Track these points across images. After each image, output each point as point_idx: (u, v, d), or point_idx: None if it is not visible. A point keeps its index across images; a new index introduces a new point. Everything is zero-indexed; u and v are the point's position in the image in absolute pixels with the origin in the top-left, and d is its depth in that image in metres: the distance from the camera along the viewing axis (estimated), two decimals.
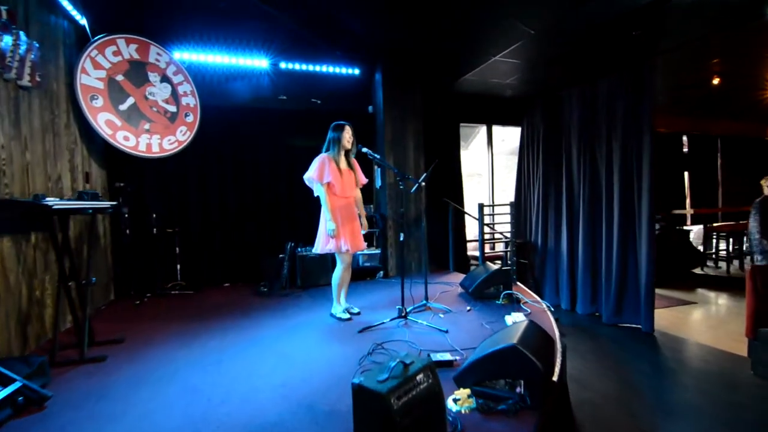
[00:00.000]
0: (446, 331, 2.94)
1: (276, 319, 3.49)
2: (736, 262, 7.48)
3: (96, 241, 4.10)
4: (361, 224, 3.58)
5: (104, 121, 3.95)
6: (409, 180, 3.43)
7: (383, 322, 3.14)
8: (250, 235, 5.14)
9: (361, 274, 5.07)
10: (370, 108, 5.51)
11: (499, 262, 5.95)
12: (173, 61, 4.59)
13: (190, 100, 4.73)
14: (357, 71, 5.45)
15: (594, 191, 5.12)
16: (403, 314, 3.20)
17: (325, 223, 3.31)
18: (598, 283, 5.09)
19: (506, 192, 8.24)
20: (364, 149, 3.36)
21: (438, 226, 5.76)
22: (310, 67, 5.26)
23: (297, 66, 5.20)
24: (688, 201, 8.40)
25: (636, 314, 4.58)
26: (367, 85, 5.53)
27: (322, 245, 3.36)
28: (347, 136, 3.39)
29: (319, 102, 5.37)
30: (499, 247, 6.40)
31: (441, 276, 5.14)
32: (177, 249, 4.81)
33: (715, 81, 5.76)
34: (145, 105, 4.31)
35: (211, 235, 4.99)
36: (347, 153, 3.46)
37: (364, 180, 3.61)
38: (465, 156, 6.98)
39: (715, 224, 7.70)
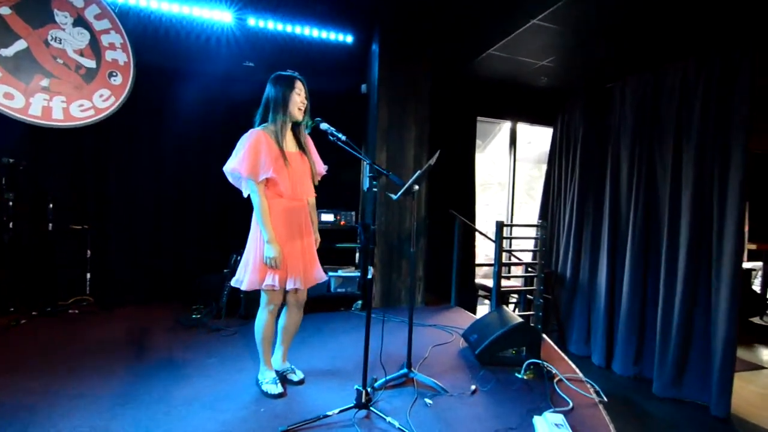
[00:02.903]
0: None
1: (174, 380, 2.26)
2: None
3: None
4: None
5: None
6: (391, 178, 2.15)
7: (327, 415, 1.88)
8: (190, 240, 3.92)
9: (332, 304, 3.82)
10: (364, 87, 4.28)
11: (515, 298, 4.65)
12: (97, 1, 3.41)
13: (120, 56, 3.54)
14: (349, 38, 4.22)
15: (650, 214, 3.83)
16: (363, 400, 1.94)
17: (259, 242, 2.06)
18: (648, 336, 3.79)
19: (526, 207, 6.94)
20: (324, 125, 2.12)
21: (439, 245, 4.50)
22: (288, 28, 4.05)
23: (270, 24, 3.99)
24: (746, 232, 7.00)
25: (704, 388, 3.28)
26: (362, 57, 4.30)
27: (251, 277, 2.06)
28: (298, 95, 2.12)
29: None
30: (516, 272, 5.10)
31: (438, 313, 3.87)
32: (88, 252, 3.62)
33: None
34: (45, 53, 3.13)
35: (137, 237, 3.78)
36: (296, 126, 2.19)
37: (322, 169, 2.33)
38: (480, 160, 5.70)
39: None
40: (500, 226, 3.46)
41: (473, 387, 2.27)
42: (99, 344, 2.73)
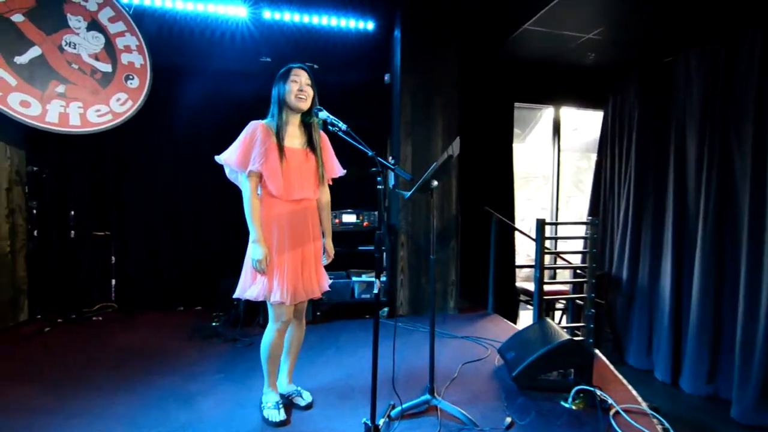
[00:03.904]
0: None
1: (176, 400, 2.09)
2: None
3: None
4: (324, 250, 2.08)
5: None
6: (397, 173, 1.82)
7: None
8: (212, 243, 3.80)
9: (355, 311, 3.56)
10: (387, 77, 3.98)
11: (562, 306, 4.16)
12: (111, 3, 3.34)
13: (136, 59, 3.47)
14: (370, 25, 3.93)
15: (725, 209, 3.26)
16: None
17: (251, 245, 1.84)
18: (725, 351, 3.25)
19: (575, 200, 6.34)
20: (323, 113, 1.86)
21: (474, 245, 4.11)
22: (305, 18, 3.82)
23: (287, 16, 3.78)
24: None
25: None
26: (385, 45, 4.00)
27: (243, 285, 1.89)
28: (294, 83, 1.88)
29: (316, 67, 3.90)
30: (563, 275, 4.59)
31: (473, 321, 3.50)
32: (112, 258, 3.59)
33: None
34: (59, 59, 3.10)
35: (158, 242, 3.71)
36: (306, 122, 1.95)
37: (335, 171, 2.08)
38: (519, 150, 5.22)
39: None
40: (542, 224, 3.03)
41: (508, 419, 1.91)
42: (114, 355, 2.65)
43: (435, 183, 1.99)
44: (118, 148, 3.58)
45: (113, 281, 3.61)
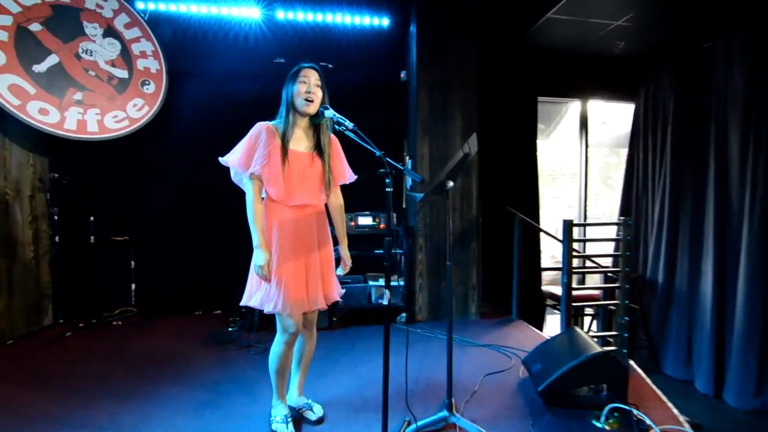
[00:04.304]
0: None
1: (183, 411, 2.04)
2: None
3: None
4: (337, 259, 1.98)
5: (7, 87, 2.81)
6: (406, 174, 1.69)
7: None
8: (229, 247, 3.78)
9: (373, 316, 3.46)
10: (403, 74, 3.85)
11: (590, 314, 3.91)
12: (126, 9, 3.36)
13: (152, 64, 3.48)
14: (385, 21, 3.81)
15: None
16: None
17: (254, 250, 1.77)
18: None
19: (604, 198, 6.03)
20: (329, 112, 1.75)
21: (497, 247, 3.94)
22: (319, 17, 3.74)
23: (300, 15, 3.71)
24: None
25: None
26: (401, 41, 3.88)
27: (249, 292, 1.82)
28: (303, 84, 1.78)
29: (330, 66, 3.82)
30: (593, 281, 4.35)
31: (496, 328, 3.33)
32: (132, 263, 3.62)
33: None
34: (77, 67, 3.13)
35: (176, 247, 3.71)
36: (315, 124, 1.86)
37: (346, 176, 1.98)
38: (544, 147, 5.00)
39: None
40: (569, 225, 2.83)
41: None
42: (129, 362, 2.63)
43: (451, 184, 1.86)
44: (135, 154, 3.59)
45: (133, 286, 3.63)
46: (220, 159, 1.82)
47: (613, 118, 4.91)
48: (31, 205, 3.25)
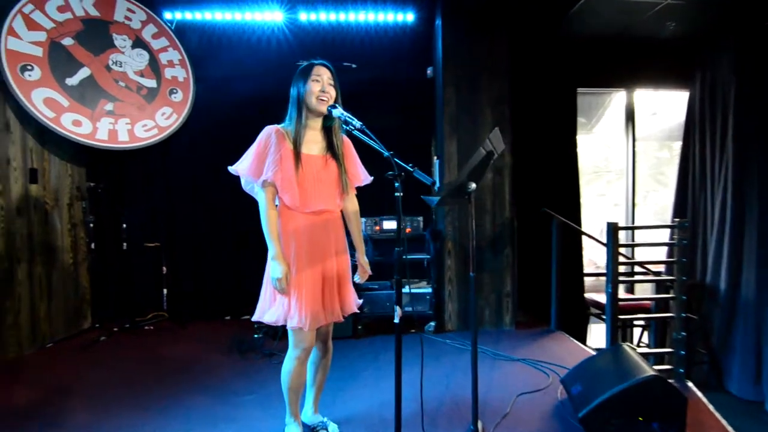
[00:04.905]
0: None
1: (199, 423, 1.99)
2: None
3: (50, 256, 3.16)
4: (353, 266, 1.86)
5: (42, 100, 2.91)
6: (416, 176, 1.51)
7: None
8: (256, 253, 3.75)
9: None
10: (430, 70, 3.69)
11: (640, 325, 3.55)
12: (154, 20, 3.43)
13: (179, 73, 3.53)
14: (410, 16, 3.67)
15: None
16: None
17: (270, 262, 1.67)
18: None
19: (656, 195, 5.55)
20: (337, 111, 1.63)
21: (534, 252, 3.68)
22: (342, 16, 3.65)
23: (323, 16, 3.64)
24: None
25: None
26: (427, 36, 3.72)
27: (262, 306, 1.73)
28: (316, 82, 1.67)
29: (353, 66, 3.72)
30: (644, 288, 3.97)
31: (533, 340, 3.08)
32: (164, 269, 3.69)
33: None
34: (107, 78, 3.21)
35: (205, 253, 3.74)
36: (328, 126, 1.75)
37: (360, 179, 1.86)
38: (586, 142, 4.65)
39: None
40: (614, 229, 2.55)
41: None
42: (154, 369, 2.65)
43: (473, 186, 1.68)
44: (164, 161, 3.66)
45: (164, 291, 3.70)
46: (229, 168, 1.74)
47: (664, 109, 4.48)
48: (70, 213, 3.38)
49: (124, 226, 3.39)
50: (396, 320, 1.46)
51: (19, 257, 2.91)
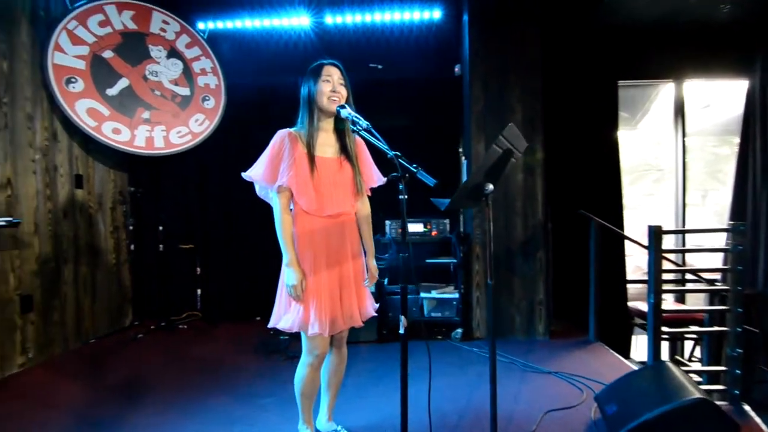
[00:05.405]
0: None
1: (217, 425, 2.01)
2: None
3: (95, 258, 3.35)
4: (366, 270, 1.81)
5: (85, 110, 3.10)
6: (419, 177, 1.41)
7: None
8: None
9: (426, 330, 3.21)
10: (458, 68, 3.58)
11: (692, 338, 3.23)
12: (187, 31, 3.56)
13: (211, 80, 3.65)
14: (437, 13, 3.58)
15: None
16: None
17: (284, 269, 1.65)
18: None
19: (715, 194, 5.08)
20: (344, 112, 1.59)
21: (571, 256, 3.46)
22: (367, 17, 3.63)
23: (348, 17, 3.63)
24: None
25: None
26: (455, 33, 3.61)
27: (278, 312, 1.71)
28: (326, 82, 1.64)
29: (380, 67, 3.70)
30: (696, 298, 3.62)
31: (567, 351, 2.89)
32: (198, 270, 3.81)
33: None
34: (144, 88, 3.36)
35: (237, 255, 3.83)
36: (340, 127, 1.72)
37: (374, 180, 1.80)
38: (631, 138, 4.34)
39: None
40: (657, 233, 2.32)
41: None
42: (183, 367, 2.73)
43: (490, 187, 1.58)
44: (198, 166, 3.78)
45: (198, 291, 3.82)
46: (243, 174, 1.73)
47: (718, 100, 4.08)
48: (113, 216, 3.57)
49: (161, 228, 3.53)
50: (401, 330, 1.40)
51: (65, 258, 3.10)
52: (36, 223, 2.86)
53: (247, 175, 1.72)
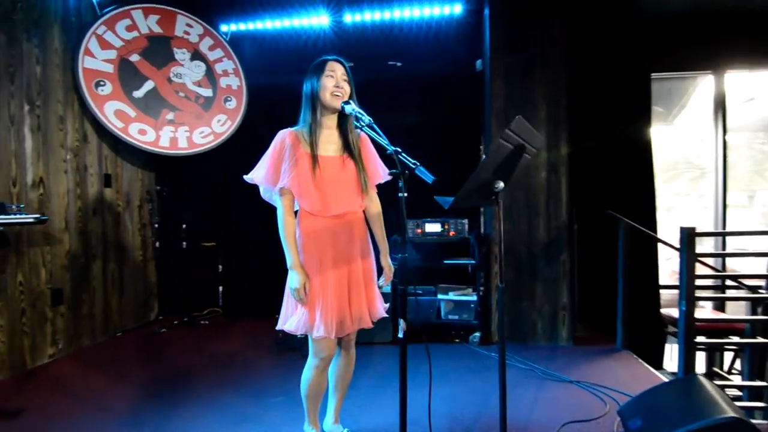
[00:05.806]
0: None
1: (227, 424, 2.02)
2: None
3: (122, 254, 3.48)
4: (378, 272, 1.77)
5: (113, 112, 3.21)
6: (417, 173, 1.34)
7: None
8: None
9: (443, 333, 3.13)
10: (479, 63, 3.48)
11: (732, 349, 2.99)
12: (210, 33, 3.63)
13: (233, 81, 3.71)
14: (457, 8, 3.49)
15: None
16: None
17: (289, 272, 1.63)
18: None
19: (761, 196, 4.72)
20: (348, 108, 1.55)
21: (597, 259, 3.30)
22: (387, 14, 3.58)
23: (368, 15, 3.60)
24: None
25: None
26: (476, 29, 3.51)
27: (285, 314, 1.69)
28: (330, 78, 1.62)
29: (399, 64, 3.66)
30: (737, 306, 3.36)
31: (592, 359, 2.74)
32: (220, 267, 3.89)
33: None
34: (169, 89, 3.46)
35: (260, 251, 3.88)
36: (343, 124, 1.68)
37: (380, 174, 1.75)
38: (666, 134, 4.09)
39: None
40: (690, 235, 2.15)
41: None
42: (200, 363, 2.79)
43: (501, 185, 1.50)
44: (220, 166, 3.86)
45: (220, 288, 3.90)
46: (245, 177, 1.73)
47: (764, 93, 3.77)
48: (140, 214, 3.70)
49: (184, 226, 3.62)
50: (400, 335, 1.35)
51: (94, 254, 3.23)
52: (66, 220, 2.99)
53: (248, 177, 1.71)
